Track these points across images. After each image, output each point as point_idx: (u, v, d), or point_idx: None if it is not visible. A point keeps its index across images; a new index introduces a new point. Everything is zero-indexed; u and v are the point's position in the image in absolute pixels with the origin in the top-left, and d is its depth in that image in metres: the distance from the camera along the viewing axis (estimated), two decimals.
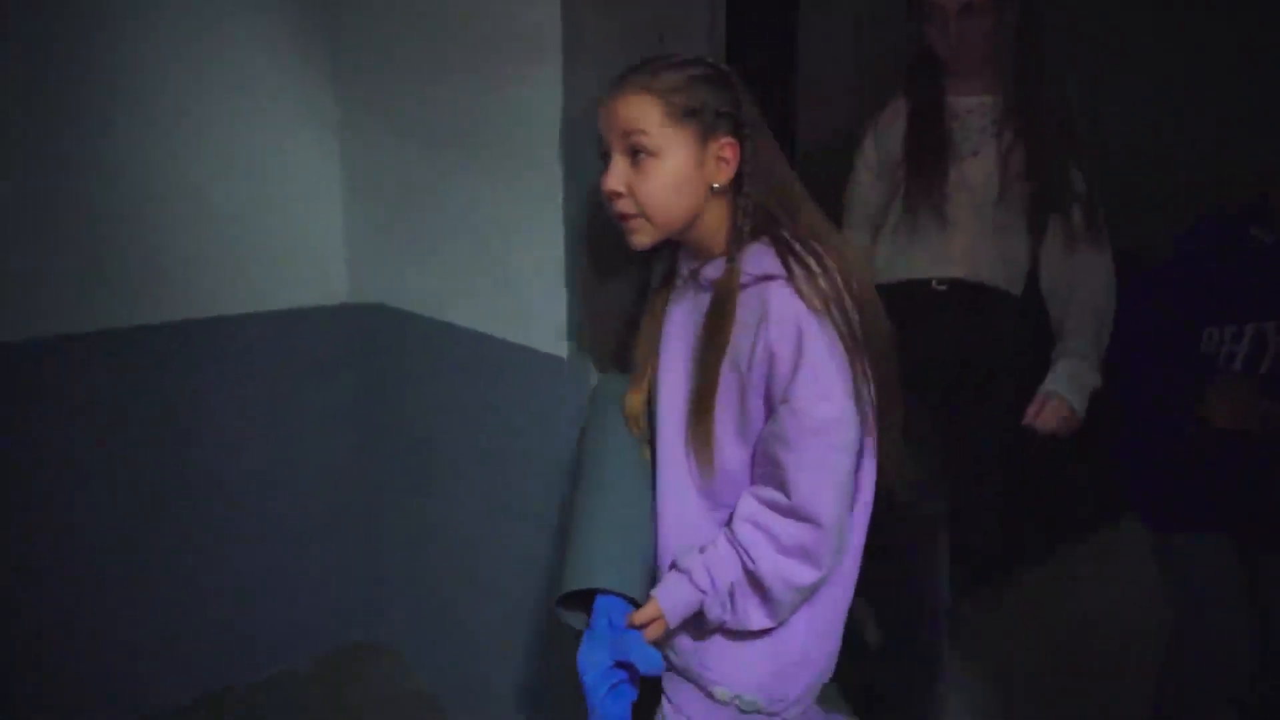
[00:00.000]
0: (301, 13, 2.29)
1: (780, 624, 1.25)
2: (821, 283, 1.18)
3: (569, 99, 1.64)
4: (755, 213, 1.23)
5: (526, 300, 1.80)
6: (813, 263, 1.19)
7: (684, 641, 1.31)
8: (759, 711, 1.29)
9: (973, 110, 1.94)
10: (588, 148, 1.63)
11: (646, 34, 1.70)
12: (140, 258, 2.18)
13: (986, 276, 1.97)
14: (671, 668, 1.34)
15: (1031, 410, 1.88)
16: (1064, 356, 1.92)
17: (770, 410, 1.21)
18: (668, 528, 1.30)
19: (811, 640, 1.29)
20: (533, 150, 1.72)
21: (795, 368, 1.17)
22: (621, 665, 1.22)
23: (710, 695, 1.30)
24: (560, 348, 1.72)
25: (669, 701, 1.35)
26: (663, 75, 1.22)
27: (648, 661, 1.21)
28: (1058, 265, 1.95)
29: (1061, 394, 1.87)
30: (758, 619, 1.23)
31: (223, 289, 2.30)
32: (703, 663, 1.30)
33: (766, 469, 1.22)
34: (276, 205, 2.34)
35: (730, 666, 1.28)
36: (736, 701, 1.29)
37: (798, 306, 1.17)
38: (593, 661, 1.22)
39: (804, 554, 1.19)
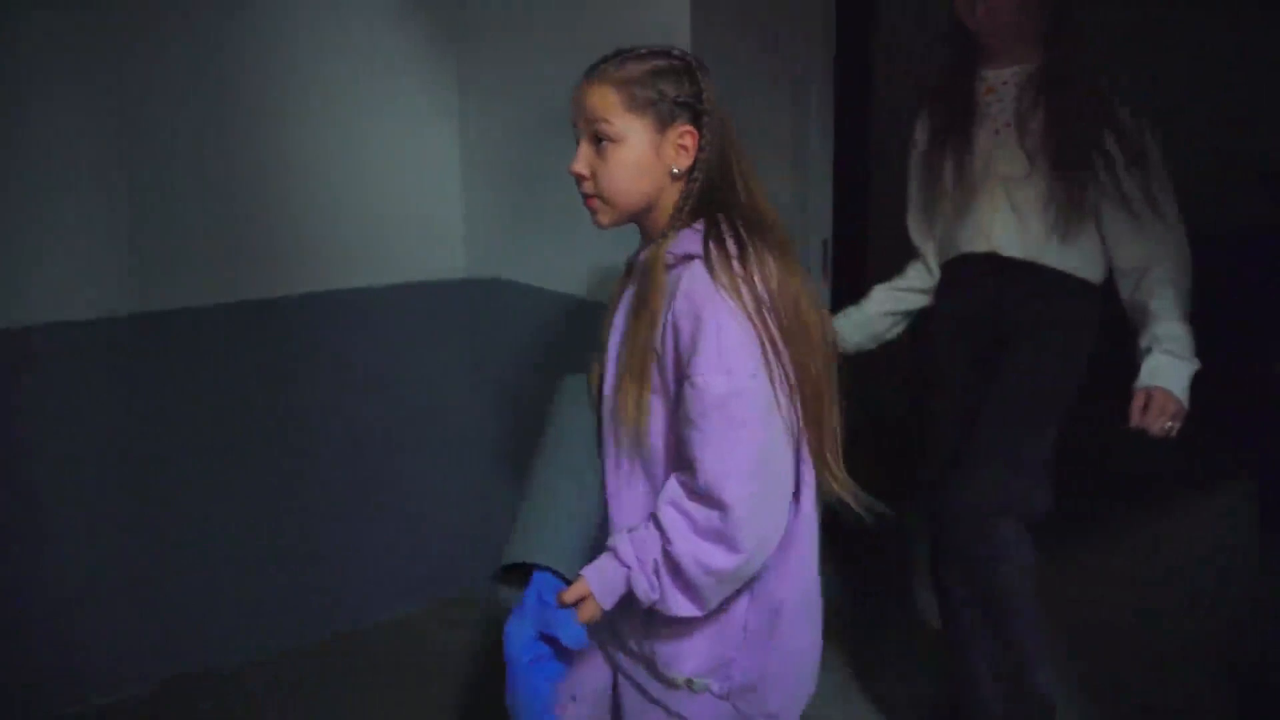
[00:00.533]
0: (430, 11, 2.50)
1: (708, 611, 1.24)
2: (736, 265, 1.20)
3: None
4: (698, 196, 1.26)
5: None
6: (731, 245, 1.22)
7: (634, 626, 1.33)
8: (709, 692, 1.31)
9: (1007, 81, 1.87)
10: None
11: (766, 30, 1.88)
12: (279, 236, 2.41)
13: (1031, 252, 1.88)
14: (629, 653, 1.36)
15: (1136, 410, 1.75)
16: (1156, 344, 1.77)
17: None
18: (616, 511, 1.32)
19: (755, 628, 1.29)
20: None
21: (694, 342, 1.18)
22: (548, 640, 1.28)
23: (663, 678, 1.32)
24: None
25: (627, 678, 1.38)
26: (626, 66, 1.27)
27: (571, 635, 1.27)
28: (1118, 241, 1.84)
29: (1164, 387, 1.73)
30: (681, 604, 1.22)
31: (350, 264, 2.52)
32: (653, 647, 1.31)
33: (681, 450, 1.22)
34: (400, 188, 2.56)
35: (675, 649, 1.30)
36: (688, 685, 1.30)
37: (704, 283, 1.19)
38: (517, 633, 1.29)
39: (718, 537, 1.18)
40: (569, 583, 1.26)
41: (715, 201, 1.26)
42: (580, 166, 1.29)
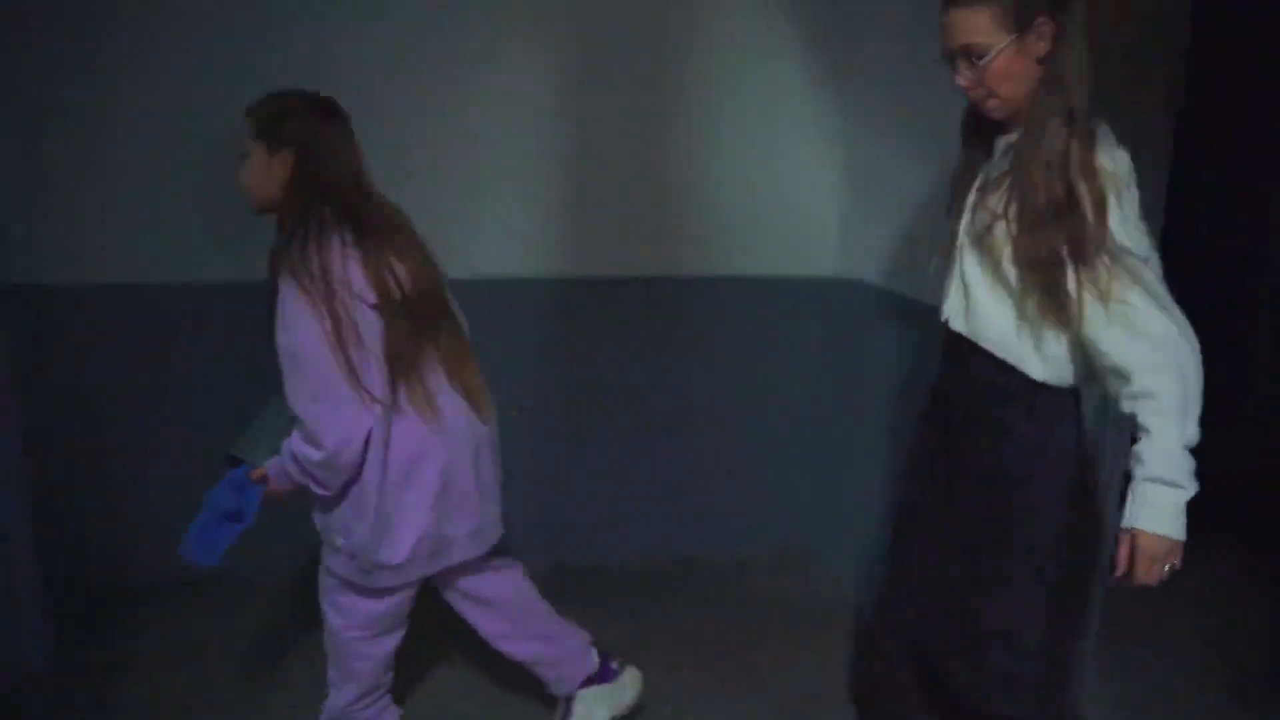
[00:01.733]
0: (823, 52, 2.92)
1: (333, 491, 1.79)
2: (298, 253, 1.67)
3: None
4: (298, 204, 1.74)
5: None
6: (303, 242, 1.68)
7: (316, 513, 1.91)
8: (338, 547, 1.87)
9: (1005, 150, 1.65)
10: None
11: (1107, 84, 2.04)
12: (684, 222, 2.96)
13: (971, 328, 1.69)
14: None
15: (1122, 560, 1.54)
16: (1139, 467, 1.52)
17: None
18: None
19: (351, 518, 1.82)
20: None
21: (275, 315, 1.68)
22: (225, 513, 1.86)
23: (322, 541, 1.91)
24: None
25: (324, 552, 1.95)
26: (263, 104, 1.78)
27: (225, 502, 1.85)
28: (1088, 336, 1.54)
29: (1148, 531, 1.50)
30: (314, 486, 1.79)
31: (737, 253, 3.02)
32: (317, 519, 1.90)
33: None
34: (790, 194, 3.02)
35: (323, 518, 1.88)
36: (330, 541, 1.88)
37: (281, 268, 1.68)
38: (205, 498, 1.87)
39: (310, 440, 1.72)
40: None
41: (312, 208, 1.73)
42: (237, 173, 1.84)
